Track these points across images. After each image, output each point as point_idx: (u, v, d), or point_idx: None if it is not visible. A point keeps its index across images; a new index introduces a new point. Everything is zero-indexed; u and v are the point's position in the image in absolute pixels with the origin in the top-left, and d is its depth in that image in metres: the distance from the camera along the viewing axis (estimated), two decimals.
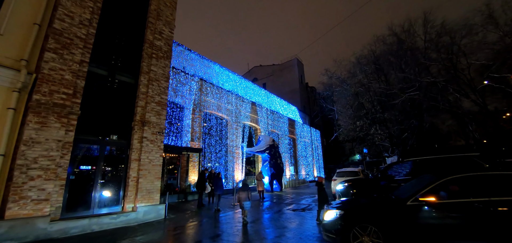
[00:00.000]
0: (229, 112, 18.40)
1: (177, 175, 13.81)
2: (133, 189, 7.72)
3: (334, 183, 11.66)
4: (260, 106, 22.63)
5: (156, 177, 8.25)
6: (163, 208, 8.11)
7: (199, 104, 15.73)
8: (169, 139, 13.62)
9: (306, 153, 30.97)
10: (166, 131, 13.56)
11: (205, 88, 16.51)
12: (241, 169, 18.55)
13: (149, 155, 8.18)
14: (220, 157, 17.12)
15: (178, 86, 14.62)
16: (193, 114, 15.16)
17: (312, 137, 34.00)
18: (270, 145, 18.09)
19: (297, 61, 47.73)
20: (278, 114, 25.62)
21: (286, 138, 26.02)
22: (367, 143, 21.58)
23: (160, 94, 8.99)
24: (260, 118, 22.16)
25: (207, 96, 16.60)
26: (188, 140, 14.50)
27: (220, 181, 9.37)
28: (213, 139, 16.84)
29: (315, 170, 33.17)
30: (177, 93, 14.49)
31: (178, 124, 14.41)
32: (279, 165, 18.12)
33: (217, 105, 17.38)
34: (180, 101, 14.64)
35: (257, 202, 11.94)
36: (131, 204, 7.61)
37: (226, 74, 21.57)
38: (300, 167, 28.33)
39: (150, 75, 8.83)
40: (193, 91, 15.52)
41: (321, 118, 50.24)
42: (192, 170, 14.15)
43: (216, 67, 20.46)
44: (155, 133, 8.51)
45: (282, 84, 46.57)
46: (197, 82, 15.98)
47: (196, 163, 14.46)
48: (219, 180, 9.38)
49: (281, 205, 10.96)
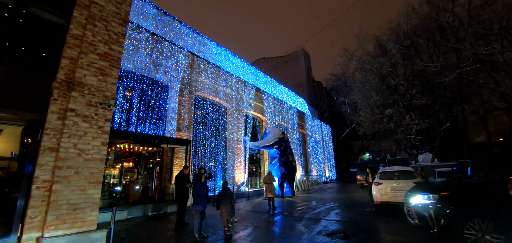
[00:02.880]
0: (228, 98, 14.79)
1: (158, 176, 10.27)
2: (40, 203, 4.14)
3: (379, 188, 8.00)
4: (266, 94, 18.99)
5: (92, 181, 4.67)
6: (102, 237, 4.50)
7: (189, 85, 12.14)
8: (145, 127, 10.05)
9: (317, 150, 27.29)
10: (143, 116, 10.01)
11: (197, 66, 12.92)
12: (244, 168, 14.94)
13: (78, 142, 4.60)
14: (217, 153, 13.52)
15: (160, 58, 11.05)
16: (180, 96, 11.59)
17: (323, 133, 30.30)
18: (279, 138, 14.46)
19: (304, 52, 44.01)
20: (286, 105, 21.97)
21: (295, 132, 22.36)
22: (394, 136, 17.80)
23: (108, 43, 5.40)
24: (266, 107, 18.52)
25: (200, 76, 13.01)
26: (173, 129, 10.93)
27: (203, 187, 5.64)
28: (208, 130, 13.24)
29: (327, 170, 29.45)
30: (158, 67, 10.92)
31: (158, 108, 10.83)
32: (291, 164, 14.46)
33: (213, 88, 13.79)
34: (163, 78, 11.07)
35: (266, 216, 8.30)
36: (34, 233, 4.03)
37: (225, 56, 17.92)
38: (311, 166, 24.66)
39: (90, 10, 5.24)
40: (181, 67, 11.94)
41: (329, 114, 46.49)
42: (178, 169, 10.55)
43: (212, 46, 16.85)
44: (94, 104, 4.93)
45: (288, 77, 42.83)
46: (187, 57, 12.40)
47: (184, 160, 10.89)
48: (201, 186, 5.69)
49: (303, 221, 7.32)
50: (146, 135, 9.02)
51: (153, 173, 9.18)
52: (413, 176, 7.94)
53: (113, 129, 8.18)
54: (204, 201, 5.54)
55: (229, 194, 5.72)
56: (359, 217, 7.65)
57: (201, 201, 5.45)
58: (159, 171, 10.51)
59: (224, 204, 5.59)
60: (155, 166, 9.35)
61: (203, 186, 5.66)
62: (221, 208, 5.62)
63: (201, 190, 5.55)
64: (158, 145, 8.99)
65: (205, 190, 5.63)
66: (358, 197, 13.18)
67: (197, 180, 5.69)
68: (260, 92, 18.21)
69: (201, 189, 5.56)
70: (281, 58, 46.39)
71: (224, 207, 5.59)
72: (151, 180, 9.11)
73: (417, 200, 4.69)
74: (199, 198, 5.50)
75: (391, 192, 7.84)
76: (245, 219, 7.72)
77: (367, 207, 9.44)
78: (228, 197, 5.68)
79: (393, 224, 6.58)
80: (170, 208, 8.69)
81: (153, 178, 9.09)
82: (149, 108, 10.38)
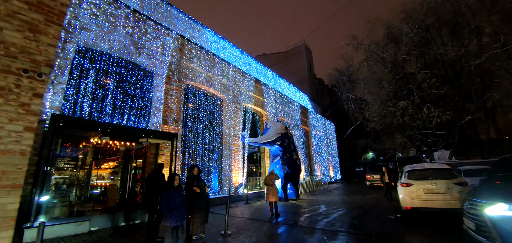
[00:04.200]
0: (224, 89, 13.20)
1: (140, 177, 8.69)
2: None
3: (409, 190, 6.40)
4: (267, 87, 17.38)
5: (5, 184, 3.07)
6: None
7: (177, 72, 10.55)
8: (124, 118, 8.45)
9: (321, 149, 25.66)
10: (121, 106, 8.42)
11: (188, 51, 11.33)
12: (242, 168, 13.34)
13: None
14: (211, 149, 11.92)
15: (143, 40, 9.46)
16: (167, 84, 10.00)
17: (326, 130, 28.68)
18: (282, 133, 12.85)
19: (305, 47, 42.42)
20: (288, 99, 20.36)
21: (298, 129, 20.75)
22: (407, 131, 16.22)
23: None
24: (266, 101, 16.92)
25: (192, 62, 11.42)
26: (158, 122, 9.34)
27: (177, 195, 4.02)
28: (201, 124, 11.65)
29: (331, 170, 27.82)
30: (141, 50, 9.32)
31: (141, 97, 9.24)
32: (296, 162, 12.84)
33: (207, 78, 12.19)
34: (147, 63, 9.48)
35: (268, 226, 6.70)
36: None
37: (222, 45, 16.30)
38: (315, 165, 23.03)
39: None
40: (168, 51, 10.35)
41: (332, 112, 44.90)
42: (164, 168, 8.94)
43: (208, 33, 15.24)
44: (16, 72, 3.36)
45: (289, 73, 41.21)
46: (176, 40, 10.81)
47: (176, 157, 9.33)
48: (174, 193, 4.04)
49: (316, 234, 5.72)
50: (118, 126, 7.39)
51: (128, 172, 7.56)
52: (453, 175, 6.32)
53: (68, 116, 6.60)
54: (178, 213, 3.94)
55: (204, 196, 5.01)
56: (386, 228, 6.04)
57: (172, 213, 3.85)
58: (142, 171, 8.94)
59: (199, 210, 4.78)
60: (130, 165, 7.73)
61: (177, 193, 4.06)
62: (195, 214, 4.79)
63: (173, 198, 3.95)
64: (136, 139, 7.39)
65: (174, 194, 4.03)
66: (373, 199, 11.56)
67: (168, 185, 4.09)
68: (260, 84, 16.61)
69: (173, 197, 3.96)
70: (282, 54, 44.82)
71: (198, 213, 4.78)
72: (127, 182, 7.49)
73: (502, 212, 3.07)
74: (170, 209, 3.90)
75: (425, 195, 6.23)
76: (242, 231, 6.13)
77: (390, 213, 7.83)
78: (204, 200, 4.96)
79: (442, 241, 4.96)
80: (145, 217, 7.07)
81: (128, 179, 7.46)
82: (128, 97, 8.79)
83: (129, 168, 7.48)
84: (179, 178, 4.15)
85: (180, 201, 4.02)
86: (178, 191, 4.06)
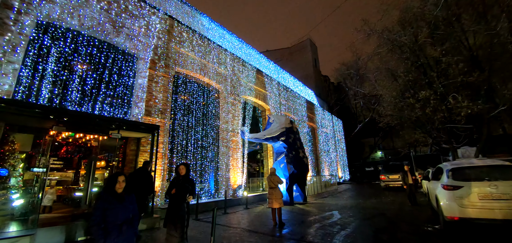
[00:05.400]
0: (221, 79, 11.71)
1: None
2: None
3: (456, 195, 4.79)
4: (270, 78, 15.84)
5: None
6: None
7: (165, 57, 9.11)
8: (96, 108, 7.04)
9: (328, 147, 23.97)
10: (92, 93, 7.02)
11: (178, 33, 9.88)
12: (242, 167, 11.82)
13: None
14: (206, 146, 10.45)
15: (123, 18, 8.04)
16: (152, 70, 8.55)
17: (334, 127, 26.96)
18: (286, 128, 11.29)
19: (310, 42, 40.76)
20: (293, 93, 18.77)
21: (304, 125, 19.14)
22: (428, 126, 14.49)
23: None
24: (269, 94, 15.37)
25: (182, 47, 9.97)
26: (140, 113, 7.91)
27: (115, 203, 2.46)
28: (193, 118, 10.18)
29: (340, 169, 26.09)
30: (120, 30, 7.90)
31: (119, 83, 7.81)
32: (302, 160, 11.25)
33: (201, 65, 10.72)
34: (127, 44, 8.05)
35: (269, 240, 5.17)
36: None
37: (220, 33, 14.82)
38: (322, 165, 21.36)
39: None
40: (153, 33, 8.91)
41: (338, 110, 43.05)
42: None
43: (204, 20, 13.79)
44: None
45: (293, 69, 39.48)
46: (163, 20, 9.37)
47: (156, 154, 7.92)
48: (111, 200, 2.47)
49: None
50: (79, 114, 5.89)
51: (90, 173, 6.10)
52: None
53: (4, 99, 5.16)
54: (120, 235, 2.45)
55: (182, 205, 3.97)
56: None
57: (109, 236, 2.38)
58: (120, 169, 7.53)
59: (180, 220, 3.77)
60: (94, 163, 6.29)
61: (120, 203, 2.57)
62: (169, 227, 3.76)
63: (112, 211, 2.47)
64: (105, 132, 5.93)
65: (124, 211, 2.54)
66: (393, 204, 9.91)
67: (107, 191, 2.59)
68: (262, 75, 15.08)
69: (112, 210, 2.48)
70: (286, 50, 43.22)
71: (173, 226, 3.73)
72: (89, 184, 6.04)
73: None
74: (105, 230, 2.41)
75: (482, 202, 4.60)
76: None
77: (423, 223, 6.20)
78: (182, 210, 3.94)
79: None
80: None
81: (89, 181, 6.01)
82: (103, 83, 7.36)
83: (92, 167, 6.02)
84: (125, 180, 2.66)
85: (124, 215, 2.54)
86: (122, 201, 2.58)
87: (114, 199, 2.58)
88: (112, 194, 2.59)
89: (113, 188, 2.60)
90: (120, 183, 2.65)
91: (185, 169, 4.33)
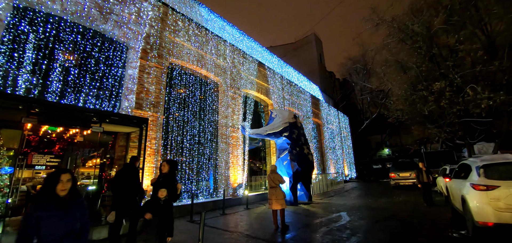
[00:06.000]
0: (220, 71, 11.03)
1: (105, 176, 6.73)
2: None
3: (491, 196, 4.04)
4: (272, 72, 15.09)
5: None
6: None
7: (158, 46, 8.47)
8: (80, 99, 6.45)
9: (334, 144, 23.11)
10: (76, 83, 6.43)
11: (172, 21, 9.22)
12: (242, 165, 11.16)
13: None
14: (204, 143, 9.81)
15: (110, 3, 7.42)
16: (144, 60, 7.93)
17: (340, 124, 26.05)
18: (290, 123, 10.56)
19: (315, 37, 39.68)
20: (297, 88, 17.99)
21: (309, 121, 18.35)
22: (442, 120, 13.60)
23: None
24: (272, 88, 14.63)
25: (177, 36, 9.31)
26: (130, 106, 7.30)
27: (54, 210, 1.70)
28: (189, 112, 9.53)
29: (346, 167, 25.21)
30: (107, 16, 7.29)
31: (108, 75, 7.21)
32: (307, 157, 10.51)
33: (198, 56, 10.06)
34: (115, 32, 7.44)
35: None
36: None
37: (220, 25, 14.13)
38: (328, 162, 20.55)
39: None
40: (145, 20, 8.27)
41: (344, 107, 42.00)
42: None
43: (202, 10, 13.13)
44: None
45: (298, 65, 38.50)
46: (156, 7, 8.72)
47: (145, 149, 7.35)
48: (49, 206, 1.69)
49: None
50: (52, 104, 5.25)
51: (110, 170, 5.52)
52: None
53: None
54: None
55: (161, 210, 3.28)
56: None
57: None
58: (109, 166, 6.96)
59: None
60: (74, 160, 5.70)
61: (62, 210, 1.92)
62: None
63: (48, 221, 1.82)
64: (86, 125, 5.32)
65: (66, 222, 1.90)
66: (406, 204, 9.10)
67: (42, 194, 1.94)
68: (264, 68, 14.34)
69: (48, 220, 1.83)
70: (290, 46, 42.25)
71: None
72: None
73: None
74: (46, 240, 1.77)
75: None
76: None
77: (446, 227, 5.42)
78: (161, 215, 3.26)
79: None
80: (102, 232, 5.02)
81: None
82: (87, 73, 6.77)
83: (69, 164, 5.43)
84: (70, 179, 2.02)
85: (66, 227, 1.90)
86: (65, 207, 1.93)
87: (53, 205, 1.92)
88: (51, 198, 1.94)
89: (52, 189, 1.94)
90: (64, 183, 1.98)
91: (167, 166, 3.71)
